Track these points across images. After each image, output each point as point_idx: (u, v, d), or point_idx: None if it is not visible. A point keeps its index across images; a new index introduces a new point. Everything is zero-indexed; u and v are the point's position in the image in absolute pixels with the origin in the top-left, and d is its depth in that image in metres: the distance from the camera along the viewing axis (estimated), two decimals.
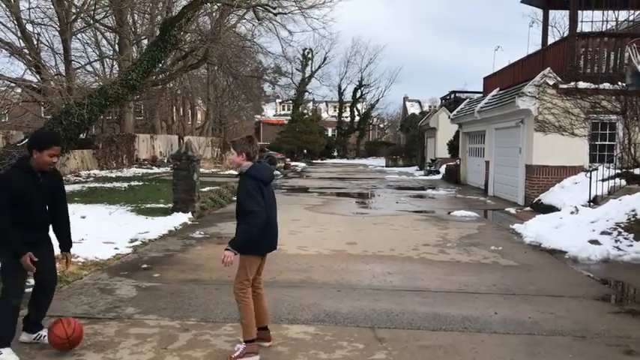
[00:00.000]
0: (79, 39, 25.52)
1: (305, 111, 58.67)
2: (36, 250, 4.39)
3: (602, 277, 7.60)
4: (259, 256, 4.67)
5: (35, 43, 20.33)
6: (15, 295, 4.41)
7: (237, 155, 4.60)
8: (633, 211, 9.72)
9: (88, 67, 24.94)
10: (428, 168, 31.76)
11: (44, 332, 4.66)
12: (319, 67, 58.67)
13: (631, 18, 18.31)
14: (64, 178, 18.24)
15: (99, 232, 9.17)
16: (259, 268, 4.72)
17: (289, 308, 5.78)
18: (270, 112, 66.72)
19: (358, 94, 62.32)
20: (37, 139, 4.58)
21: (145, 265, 7.59)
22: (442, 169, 28.14)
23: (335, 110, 64.66)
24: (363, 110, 63.28)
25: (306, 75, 58.15)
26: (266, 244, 4.65)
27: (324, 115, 64.77)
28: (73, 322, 4.56)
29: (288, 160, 40.07)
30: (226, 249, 4.38)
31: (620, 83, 13.61)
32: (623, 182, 12.16)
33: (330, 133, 61.72)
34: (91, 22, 23.37)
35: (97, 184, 18.93)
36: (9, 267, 4.38)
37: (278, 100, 62.02)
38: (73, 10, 21.66)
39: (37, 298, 4.70)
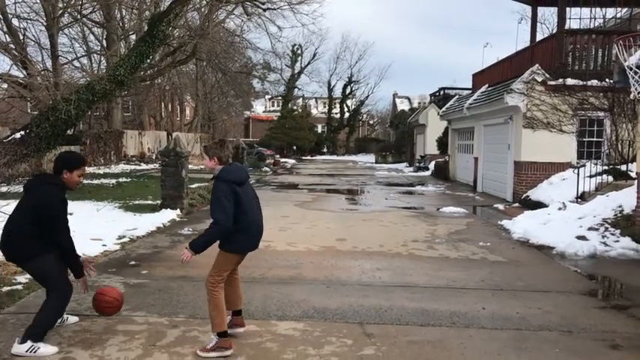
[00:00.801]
0: (66, 34, 25.33)
1: (295, 107, 58.62)
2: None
3: (589, 273, 7.67)
4: (239, 255, 4.64)
5: (21, 38, 20.13)
6: (68, 296, 4.65)
7: (209, 160, 4.59)
8: (620, 207, 9.83)
9: (76, 63, 24.80)
10: (417, 164, 31.85)
11: (66, 315, 4.92)
12: (309, 63, 58.70)
13: (618, 15, 18.43)
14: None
15: (86, 229, 9.03)
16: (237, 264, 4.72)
17: (278, 304, 5.77)
18: (259, 108, 66.57)
19: (348, 91, 62.35)
20: (69, 160, 4.68)
21: (133, 262, 7.55)
22: (431, 166, 28.24)
23: (324, 106, 64.64)
24: (353, 107, 63.35)
25: (296, 71, 58.09)
26: (248, 244, 4.64)
27: (314, 111, 64.77)
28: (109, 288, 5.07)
29: (277, 156, 40.02)
30: (186, 247, 4.43)
31: (607, 80, 13.68)
32: (611, 178, 12.24)
33: (319, 129, 61.77)
34: (78, 17, 23.16)
35: (84, 181, 18.73)
36: (56, 271, 4.54)
37: (267, 97, 61.87)
38: (60, 5, 21.44)
39: None
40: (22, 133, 15.01)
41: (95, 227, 9.43)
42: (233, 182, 4.45)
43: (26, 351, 4.30)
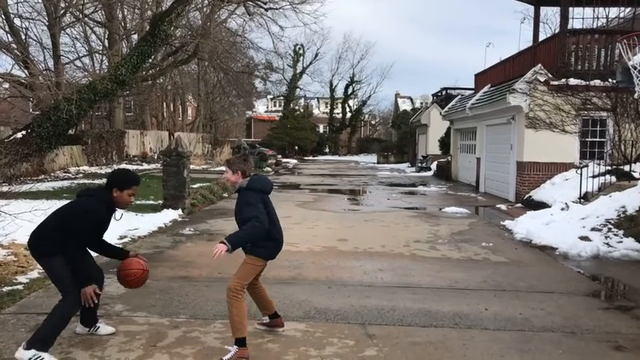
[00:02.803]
0: (67, 34, 25.34)
1: (296, 107, 58.56)
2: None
3: (592, 274, 7.63)
4: (266, 260, 4.64)
5: (23, 37, 20.14)
6: (78, 306, 4.47)
7: (232, 173, 4.61)
8: (623, 207, 9.76)
9: (77, 63, 24.78)
10: (419, 165, 31.80)
11: (99, 324, 4.81)
12: (310, 63, 58.61)
13: (621, 15, 18.38)
14: (52, 174, 17.95)
15: None
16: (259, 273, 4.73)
17: (280, 305, 5.70)
18: (261, 108, 66.55)
19: (350, 91, 62.24)
20: (122, 180, 4.60)
21: None
22: (433, 166, 28.18)
23: (326, 106, 64.57)
24: (355, 107, 63.23)
25: (298, 71, 57.99)
26: (275, 251, 4.68)
27: (316, 111, 64.69)
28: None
29: (279, 156, 39.99)
30: (221, 242, 4.24)
31: (610, 80, 13.65)
32: (614, 179, 12.19)
33: (321, 129, 61.67)
34: (80, 16, 23.18)
35: (86, 181, 18.70)
36: (67, 277, 4.42)
37: (269, 96, 61.84)
38: (62, 5, 21.46)
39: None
40: (24, 132, 15.04)
41: None
42: (262, 191, 4.55)
43: (29, 359, 4.21)
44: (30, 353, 4.22)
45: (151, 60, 18.17)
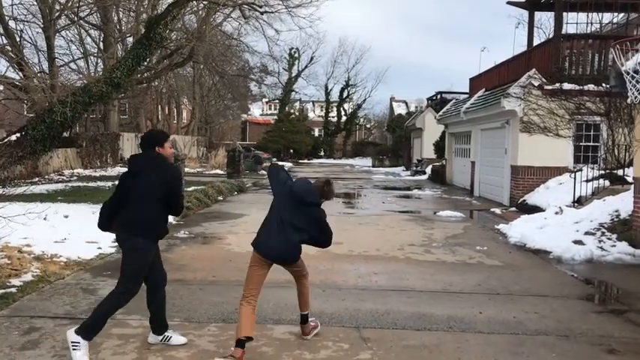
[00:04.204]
0: (62, 36, 25.23)
1: (292, 110, 58.58)
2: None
3: (586, 277, 7.65)
4: (256, 252, 4.63)
5: (18, 39, 20.07)
6: (130, 298, 4.44)
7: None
8: (616, 211, 9.83)
9: (72, 65, 24.59)
10: (414, 168, 31.84)
11: (170, 333, 4.73)
12: (306, 66, 58.64)
13: (615, 20, 18.48)
14: (46, 177, 17.88)
15: (82, 231, 9.00)
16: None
17: (274, 308, 5.74)
18: (256, 111, 66.49)
19: (345, 94, 62.34)
20: (156, 137, 4.81)
21: None
22: (428, 170, 28.23)
23: (322, 110, 64.61)
24: (350, 110, 63.32)
25: (293, 74, 58.03)
26: (258, 244, 4.69)
27: (311, 114, 64.74)
28: None
29: (274, 159, 39.95)
30: None
31: (604, 85, 13.71)
32: (607, 183, 12.26)
33: (316, 133, 61.70)
34: (75, 19, 23.09)
35: (80, 183, 18.63)
36: (140, 271, 4.47)
37: (264, 100, 61.78)
38: (57, 7, 21.41)
39: (157, 296, 4.75)
40: (18, 135, 14.97)
41: (91, 230, 9.16)
42: None
43: (71, 342, 4.23)
44: (75, 337, 4.24)
45: (146, 63, 18.14)
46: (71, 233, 8.81)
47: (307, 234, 4.62)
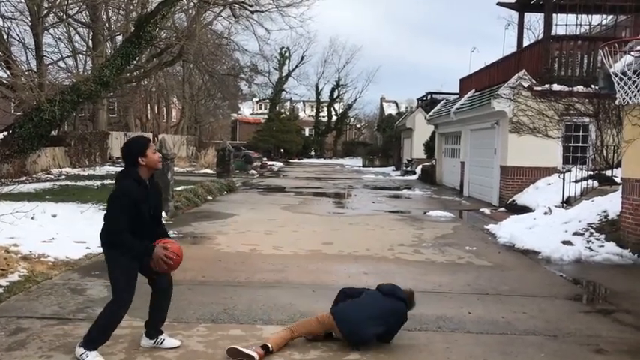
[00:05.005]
0: (51, 34, 25.01)
1: (282, 110, 58.50)
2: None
3: (574, 277, 7.67)
4: None
5: (5, 37, 19.86)
6: (127, 305, 4.36)
7: None
8: (605, 212, 9.88)
9: (61, 63, 24.43)
10: (404, 168, 31.91)
11: (164, 336, 4.67)
12: (296, 66, 58.58)
13: (604, 22, 18.63)
14: (34, 176, 17.76)
15: (70, 231, 8.96)
16: None
17: (264, 308, 5.71)
18: (246, 110, 66.33)
19: (336, 94, 62.33)
20: (138, 146, 4.48)
21: None
22: (418, 170, 28.28)
23: (312, 110, 64.56)
24: (341, 110, 63.32)
25: (284, 74, 57.96)
26: None
27: (302, 114, 64.68)
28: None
29: (264, 159, 39.88)
30: None
31: (593, 86, 13.79)
32: (596, 184, 12.33)
33: (307, 132, 61.71)
34: (64, 17, 22.93)
35: (68, 183, 18.49)
36: (127, 276, 4.32)
37: (255, 99, 61.70)
38: (45, 5, 21.22)
39: (160, 300, 4.69)
40: (5, 133, 14.82)
41: (79, 229, 9.24)
42: None
43: (79, 355, 4.25)
44: (80, 350, 4.27)
45: (135, 61, 18.00)
46: (59, 233, 8.74)
47: (385, 326, 4.74)
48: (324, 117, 62.96)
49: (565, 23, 16.87)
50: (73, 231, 8.98)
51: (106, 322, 4.32)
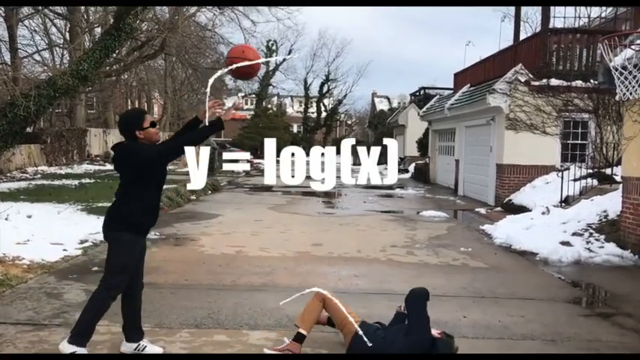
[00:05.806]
0: (26, 26, 24.55)
1: (269, 106, 58.02)
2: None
3: (573, 280, 7.58)
4: None
5: None
6: (116, 294, 4.27)
7: None
8: (605, 211, 9.75)
9: (36, 56, 23.92)
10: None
11: (145, 342, 4.50)
12: (284, 59, 57.93)
13: (603, 15, 18.42)
14: (8, 174, 17.17)
15: (46, 232, 8.72)
16: None
17: (250, 313, 5.54)
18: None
19: (325, 89, 61.57)
20: (135, 117, 4.44)
21: (95, 268, 7.11)
22: (411, 168, 28.02)
23: (301, 105, 63.94)
24: (330, 106, 62.69)
25: (270, 68, 57.33)
26: None
27: (290, 110, 64.25)
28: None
29: (251, 157, 39.44)
30: None
31: (592, 81, 13.65)
32: (595, 182, 12.21)
33: (295, 129, 61.21)
34: (40, 8, 22.31)
35: (44, 182, 18.25)
36: (125, 266, 4.26)
37: (240, 94, 60.91)
38: None
39: (133, 299, 4.51)
40: None
41: (56, 231, 8.98)
42: None
43: (69, 353, 4.13)
44: (70, 347, 4.17)
45: (115, 55, 17.51)
46: (35, 234, 8.52)
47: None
48: (313, 113, 62.32)
49: (563, 16, 16.76)
50: (49, 232, 8.77)
51: (93, 315, 4.25)
